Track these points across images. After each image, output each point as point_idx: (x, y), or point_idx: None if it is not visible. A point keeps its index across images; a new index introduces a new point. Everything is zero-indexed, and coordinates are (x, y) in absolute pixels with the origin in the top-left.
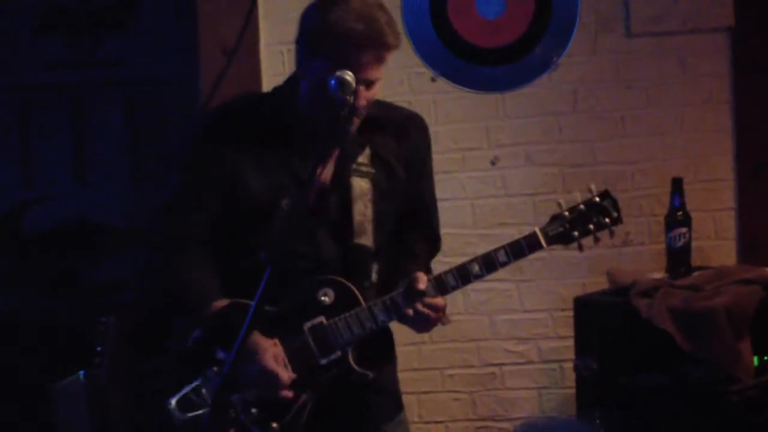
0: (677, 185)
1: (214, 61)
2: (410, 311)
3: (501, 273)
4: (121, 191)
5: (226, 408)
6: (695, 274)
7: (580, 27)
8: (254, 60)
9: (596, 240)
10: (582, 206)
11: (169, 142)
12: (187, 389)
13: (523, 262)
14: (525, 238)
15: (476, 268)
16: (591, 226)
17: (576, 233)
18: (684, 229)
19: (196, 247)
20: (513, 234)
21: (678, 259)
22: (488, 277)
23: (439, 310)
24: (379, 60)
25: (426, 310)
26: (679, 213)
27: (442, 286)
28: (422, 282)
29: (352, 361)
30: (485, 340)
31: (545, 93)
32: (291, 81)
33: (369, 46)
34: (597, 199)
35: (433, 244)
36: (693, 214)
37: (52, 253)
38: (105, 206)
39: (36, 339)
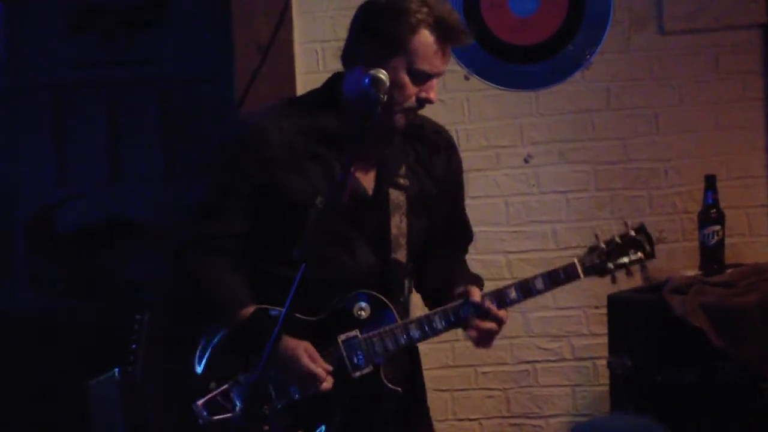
0: (710, 182)
1: (248, 58)
2: (474, 323)
3: (534, 271)
4: (155, 189)
5: (256, 412)
6: (728, 271)
7: (613, 24)
8: (288, 58)
9: (628, 274)
10: (618, 239)
11: (203, 140)
12: (215, 392)
13: (555, 259)
14: (564, 268)
15: (513, 293)
16: (625, 260)
17: (611, 265)
18: (717, 227)
19: (225, 254)
20: (546, 231)
21: (711, 256)
22: (521, 275)
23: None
24: (449, 53)
25: (488, 324)
26: (713, 210)
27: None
28: (477, 295)
29: (383, 377)
30: (518, 337)
31: (578, 90)
32: (330, 84)
33: (451, 40)
34: (633, 233)
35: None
36: (726, 211)
37: (85, 250)
38: (139, 204)
39: (70, 337)
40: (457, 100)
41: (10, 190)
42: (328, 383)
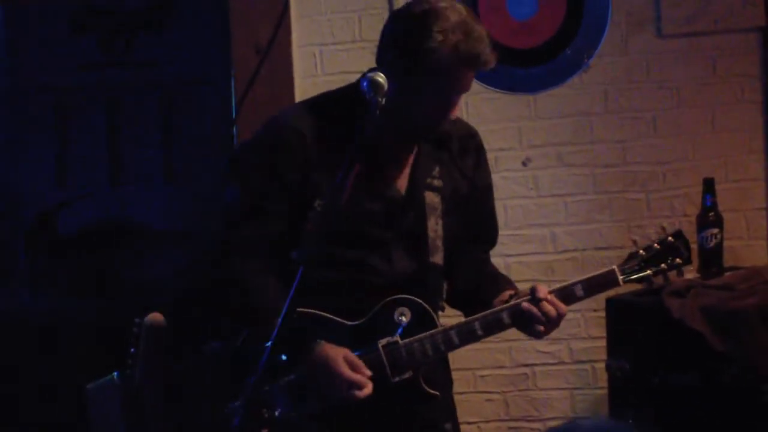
0: (709, 185)
1: (246, 61)
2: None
3: (533, 274)
4: (156, 191)
5: (259, 409)
6: (727, 274)
7: (611, 28)
8: (287, 61)
9: (666, 280)
10: (657, 246)
11: (204, 142)
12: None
13: (554, 262)
14: (603, 274)
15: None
16: (664, 266)
17: (650, 272)
18: (716, 230)
19: (262, 257)
20: (544, 234)
21: (710, 259)
22: (520, 279)
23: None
24: (473, 75)
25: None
26: (711, 213)
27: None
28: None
29: (422, 382)
30: (517, 340)
31: (577, 94)
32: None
33: (473, 65)
34: (671, 239)
35: None
36: (725, 214)
37: (86, 253)
38: (140, 207)
39: (70, 340)
40: None
41: (12, 192)
42: (368, 390)
